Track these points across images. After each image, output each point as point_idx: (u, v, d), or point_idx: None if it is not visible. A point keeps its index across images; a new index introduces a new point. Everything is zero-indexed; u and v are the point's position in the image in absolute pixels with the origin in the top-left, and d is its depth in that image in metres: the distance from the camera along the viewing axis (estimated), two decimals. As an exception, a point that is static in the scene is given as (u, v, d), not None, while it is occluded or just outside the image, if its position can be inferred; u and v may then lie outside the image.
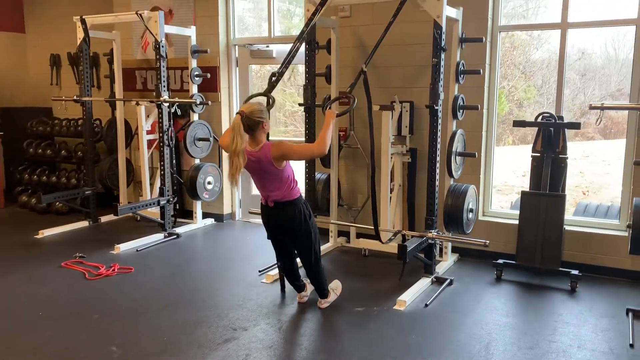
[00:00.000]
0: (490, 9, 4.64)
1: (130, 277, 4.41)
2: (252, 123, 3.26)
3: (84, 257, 4.82)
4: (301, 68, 4.92)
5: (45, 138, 6.95)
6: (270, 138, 3.72)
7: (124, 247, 5.08)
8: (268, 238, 4.09)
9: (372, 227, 4.68)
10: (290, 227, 3.54)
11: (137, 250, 5.07)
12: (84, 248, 5.03)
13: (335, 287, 3.92)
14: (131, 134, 6.36)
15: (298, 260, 3.81)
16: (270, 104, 3.75)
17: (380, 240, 4.22)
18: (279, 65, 4.05)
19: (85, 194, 5.95)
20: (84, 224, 5.96)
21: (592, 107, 3.72)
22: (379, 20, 4.69)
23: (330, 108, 3.72)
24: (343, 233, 5.22)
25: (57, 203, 6.36)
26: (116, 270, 4.51)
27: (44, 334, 3.38)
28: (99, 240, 5.41)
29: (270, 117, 3.71)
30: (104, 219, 6.12)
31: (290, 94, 8.96)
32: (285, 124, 9.39)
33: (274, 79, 3.93)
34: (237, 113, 3.27)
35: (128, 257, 4.89)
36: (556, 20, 4.55)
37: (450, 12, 4.16)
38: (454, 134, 4.42)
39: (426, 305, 3.82)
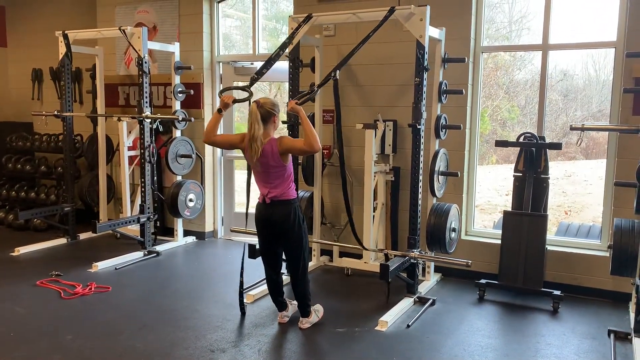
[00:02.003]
0: (472, 30, 4.69)
1: (107, 297, 4.31)
2: (266, 114, 3.44)
3: (61, 275, 4.71)
4: (286, 86, 4.91)
5: (24, 153, 6.84)
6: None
7: (102, 265, 4.98)
8: (250, 257, 4.06)
9: (356, 247, 4.67)
10: (283, 228, 3.56)
11: (115, 269, 4.97)
12: (61, 266, 4.92)
13: (317, 309, 3.86)
14: (112, 150, 6.29)
15: (285, 278, 3.76)
16: (248, 97, 3.85)
17: (364, 247, 4.20)
18: (262, 82, 4.09)
19: (64, 211, 5.85)
20: (62, 241, 5.85)
21: (573, 128, 3.75)
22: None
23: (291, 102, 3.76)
24: (326, 252, 5.17)
25: (35, 220, 6.24)
26: (93, 289, 4.40)
27: (13, 355, 3.27)
28: (77, 258, 5.30)
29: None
30: (83, 236, 6.01)
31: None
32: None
33: (254, 77, 4.14)
34: (253, 102, 3.47)
35: (106, 276, 4.79)
36: (538, 42, 4.61)
37: (433, 32, 4.19)
38: (436, 153, 4.42)
39: (408, 326, 3.77)
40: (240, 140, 3.57)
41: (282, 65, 4.86)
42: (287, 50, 4.50)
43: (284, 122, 4.88)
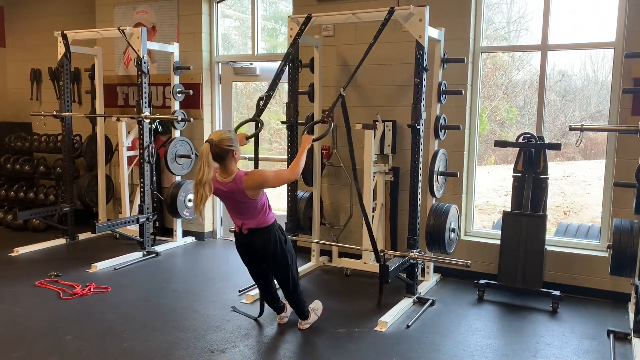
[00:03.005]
0: (471, 31, 4.69)
1: (107, 297, 4.30)
2: (221, 152, 3.15)
3: (60, 275, 4.70)
4: (285, 86, 4.91)
5: (23, 153, 6.83)
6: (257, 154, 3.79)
7: (101, 266, 4.97)
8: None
9: (355, 247, 4.68)
10: (265, 253, 3.45)
11: (114, 269, 4.97)
12: (60, 266, 4.92)
13: (316, 307, 3.85)
14: (111, 150, 6.29)
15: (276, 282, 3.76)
16: (258, 127, 3.72)
17: (376, 253, 4.12)
18: (262, 83, 4.08)
19: (63, 211, 5.84)
20: (61, 241, 5.84)
21: (572, 129, 3.76)
22: (362, 40, 4.71)
23: (308, 133, 3.67)
24: (325, 252, 5.17)
25: (34, 220, 6.23)
26: (92, 290, 4.40)
27: (12, 356, 3.27)
28: (76, 258, 5.29)
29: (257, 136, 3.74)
30: (82, 236, 6.00)
31: (275, 112, 8.95)
32: (270, 142, 9.36)
33: (262, 103, 3.91)
34: (205, 141, 3.16)
35: (105, 276, 4.78)
36: (537, 43, 4.61)
37: (432, 32, 4.19)
38: (436, 154, 4.42)
39: (408, 326, 3.78)
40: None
41: (282, 65, 4.84)
42: (285, 49, 4.50)
43: (283, 123, 4.88)
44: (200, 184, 3.09)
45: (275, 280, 3.70)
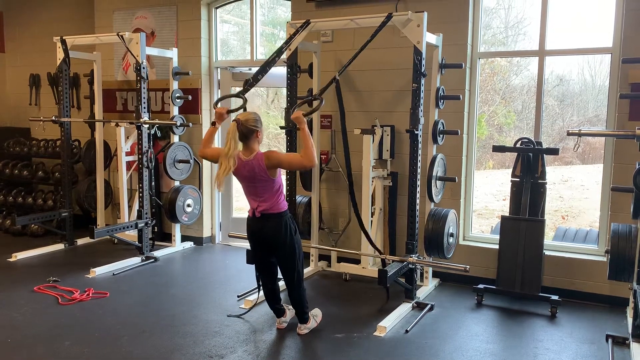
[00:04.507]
0: (469, 36, 4.71)
1: (105, 302, 4.30)
2: (247, 131, 3.39)
3: (58, 281, 4.69)
4: (284, 91, 4.92)
5: (22, 158, 6.83)
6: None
7: (99, 271, 4.97)
8: (248, 262, 4.05)
9: (353, 252, 4.68)
10: (275, 240, 3.54)
11: (113, 274, 4.96)
12: (58, 272, 4.91)
13: (315, 314, 3.86)
14: (110, 156, 6.29)
15: (281, 284, 3.76)
16: (243, 104, 3.90)
17: (380, 252, 4.18)
18: (260, 88, 4.11)
19: (61, 216, 5.84)
20: (60, 246, 5.83)
21: (569, 134, 3.76)
22: (360, 45, 4.72)
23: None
24: (324, 257, 5.17)
25: (33, 225, 6.23)
26: (91, 295, 4.39)
27: (12, 362, 3.27)
28: (75, 263, 5.29)
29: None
30: (80, 241, 6.00)
31: (273, 117, 8.98)
32: (269, 146, 9.38)
33: (249, 82, 4.12)
34: (233, 120, 3.39)
35: (104, 282, 4.78)
36: (534, 48, 4.63)
37: (430, 38, 4.21)
38: (434, 159, 4.43)
39: (407, 331, 3.78)
40: (217, 152, 3.53)
41: (280, 70, 4.87)
42: (284, 56, 4.52)
43: (281, 128, 4.90)
44: (226, 156, 3.35)
45: (280, 275, 3.72)
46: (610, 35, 4.33)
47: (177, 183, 5.81)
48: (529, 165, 4.39)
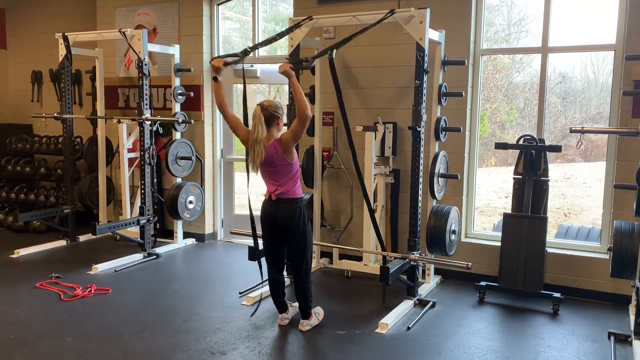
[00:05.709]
0: (472, 33, 4.69)
1: (107, 299, 4.30)
2: (269, 116, 3.49)
3: (60, 277, 4.70)
4: (286, 88, 4.92)
5: (24, 155, 6.84)
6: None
7: (101, 268, 4.97)
8: (250, 259, 4.05)
9: (355, 249, 4.68)
10: (288, 225, 3.58)
11: (115, 271, 4.97)
12: (60, 268, 4.92)
13: (318, 312, 3.87)
14: (112, 152, 6.29)
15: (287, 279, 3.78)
16: (239, 59, 3.89)
17: (385, 249, 4.23)
18: (263, 85, 4.09)
19: (63, 213, 5.84)
20: (62, 243, 5.84)
21: (572, 131, 3.76)
22: (363, 42, 4.71)
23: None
24: (326, 254, 5.17)
25: (35, 222, 6.23)
26: (93, 292, 4.40)
27: (13, 358, 3.27)
28: (77, 260, 5.29)
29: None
30: (82, 238, 6.00)
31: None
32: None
33: (249, 49, 4.05)
34: (257, 105, 3.50)
35: (106, 278, 4.78)
36: (537, 45, 4.61)
37: (432, 35, 4.20)
38: (436, 156, 4.42)
39: (408, 328, 3.78)
40: (245, 136, 3.60)
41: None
42: (287, 53, 4.51)
43: (285, 125, 4.88)
44: (256, 142, 3.45)
45: (284, 274, 3.74)
46: (614, 32, 4.31)
47: (179, 180, 5.81)
48: (532, 162, 4.38)
